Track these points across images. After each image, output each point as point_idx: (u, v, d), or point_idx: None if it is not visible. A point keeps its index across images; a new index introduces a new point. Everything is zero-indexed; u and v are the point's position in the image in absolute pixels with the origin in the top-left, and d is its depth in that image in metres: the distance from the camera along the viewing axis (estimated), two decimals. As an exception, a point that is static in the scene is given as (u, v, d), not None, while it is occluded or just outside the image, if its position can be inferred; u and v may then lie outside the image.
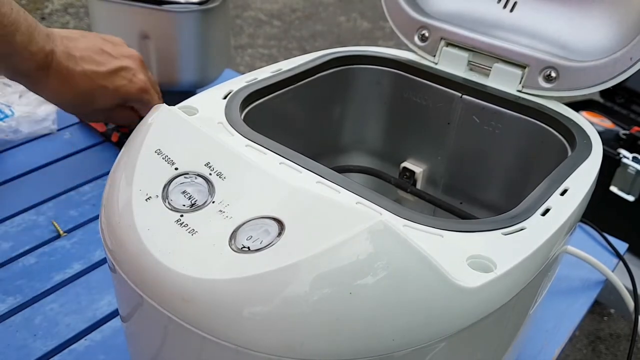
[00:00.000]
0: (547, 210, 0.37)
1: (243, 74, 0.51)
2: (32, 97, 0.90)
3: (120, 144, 0.82)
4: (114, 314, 0.58)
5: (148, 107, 0.55)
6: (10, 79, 0.56)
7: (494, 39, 0.52)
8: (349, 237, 0.28)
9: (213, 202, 0.31)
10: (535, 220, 0.36)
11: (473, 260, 0.32)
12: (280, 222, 0.30)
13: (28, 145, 0.84)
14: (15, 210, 0.71)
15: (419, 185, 0.59)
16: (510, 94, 0.51)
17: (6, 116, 0.85)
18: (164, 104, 0.37)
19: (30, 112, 0.86)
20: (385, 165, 0.61)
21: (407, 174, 0.59)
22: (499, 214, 0.36)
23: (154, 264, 0.30)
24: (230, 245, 0.29)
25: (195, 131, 0.35)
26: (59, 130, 0.87)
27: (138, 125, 0.37)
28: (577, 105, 1.59)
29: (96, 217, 0.71)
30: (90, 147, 0.84)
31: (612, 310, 1.55)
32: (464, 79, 0.53)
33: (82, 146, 0.84)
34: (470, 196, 0.57)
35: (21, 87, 0.91)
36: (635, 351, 1.36)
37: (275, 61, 0.62)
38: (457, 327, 0.30)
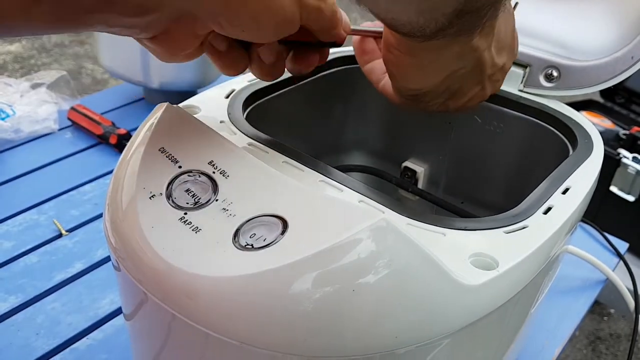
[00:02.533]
0: (548, 209, 0.37)
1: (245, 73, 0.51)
2: (34, 97, 0.90)
3: (118, 146, 0.82)
4: (116, 312, 0.58)
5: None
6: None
7: (495, 38, 0.52)
8: (352, 235, 0.28)
9: (216, 200, 0.32)
10: (537, 218, 0.36)
11: (475, 258, 0.32)
12: (283, 220, 0.30)
13: (29, 144, 0.84)
14: (17, 209, 0.71)
15: (420, 185, 0.59)
16: (511, 93, 0.51)
17: (7, 116, 0.85)
18: (167, 102, 0.37)
19: (31, 112, 0.86)
20: (386, 165, 0.61)
21: (409, 173, 0.59)
22: (501, 213, 0.37)
23: (158, 261, 0.30)
24: (233, 243, 0.29)
25: (198, 130, 0.35)
26: (59, 129, 0.87)
27: (141, 124, 0.37)
28: (577, 105, 1.59)
29: (97, 217, 0.71)
30: (91, 146, 0.85)
31: (612, 310, 1.55)
32: (466, 78, 0.53)
33: (84, 146, 0.85)
34: (471, 196, 0.57)
35: (22, 87, 0.92)
36: (635, 351, 1.36)
37: (277, 61, 0.61)
38: (460, 324, 0.30)
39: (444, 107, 0.43)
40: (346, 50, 0.55)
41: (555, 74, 0.49)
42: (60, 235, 0.67)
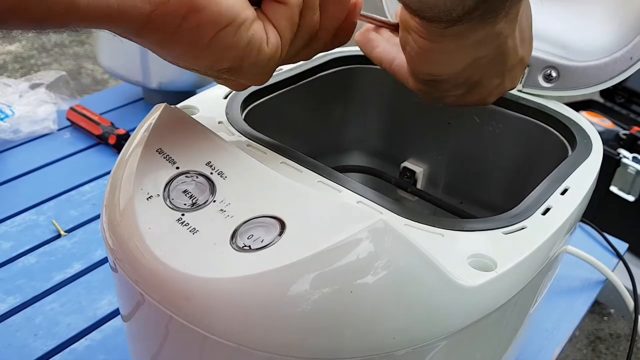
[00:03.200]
0: (547, 210, 0.37)
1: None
2: (33, 97, 0.90)
3: (117, 146, 0.82)
4: (115, 313, 0.58)
5: None
6: None
7: (494, 38, 0.52)
8: (350, 236, 0.28)
9: (214, 201, 0.31)
10: (535, 219, 0.36)
11: (474, 259, 0.32)
12: (281, 221, 0.30)
13: (28, 145, 0.84)
14: (16, 210, 0.71)
15: (419, 185, 0.59)
16: (510, 93, 0.51)
17: (6, 116, 0.85)
18: (165, 103, 0.37)
19: (30, 112, 0.86)
20: (385, 165, 0.61)
21: (408, 173, 0.59)
22: (500, 214, 0.37)
23: (155, 263, 0.30)
24: (231, 244, 0.29)
25: (196, 130, 0.35)
26: (59, 130, 0.87)
27: (139, 125, 0.37)
28: (577, 105, 1.59)
29: (96, 217, 0.71)
30: (90, 147, 0.84)
31: (612, 310, 1.55)
32: (465, 78, 0.53)
33: (83, 146, 0.84)
34: (470, 196, 0.57)
35: (21, 87, 0.92)
36: (635, 351, 1.36)
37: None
38: (458, 326, 0.30)
39: (461, 101, 0.42)
40: (345, 50, 0.55)
41: (554, 74, 0.49)
42: (59, 236, 0.67)
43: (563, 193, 0.39)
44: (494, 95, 0.43)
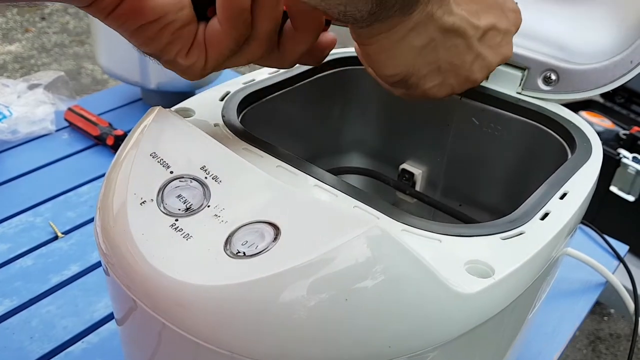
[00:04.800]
0: (546, 215, 0.36)
1: (243, 74, 0.51)
2: (31, 97, 0.89)
3: (115, 147, 0.81)
4: (111, 316, 0.58)
5: None
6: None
7: (493, 40, 0.52)
8: (345, 242, 0.27)
9: (208, 206, 0.31)
10: (534, 224, 0.35)
11: (471, 265, 0.31)
12: (275, 227, 0.29)
13: (26, 146, 0.84)
14: (13, 211, 0.71)
15: (418, 187, 0.58)
16: (510, 95, 0.50)
17: (4, 117, 0.85)
18: (160, 106, 0.36)
19: (28, 113, 0.86)
20: (384, 167, 0.61)
21: (406, 175, 0.59)
22: (499, 216, 0.36)
23: (148, 268, 0.29)
24: (225, 250, 0.29)
25: (190, 134, 0.35)
26: (56, 131, 0.87)
27: (133, 128, 0.36)
28: (577, 105, 1.58)
29: (94, 219, 0.70)
30: (88, 147, 0.84)
31: (612, 310, 1.55)
32: (463, 80, 0.53)
33: (80, 147, 0.84)
34: (469, 198, 0.57)
35: (19, 88, 0.91)
36: (636, 351, 1.36)
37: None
38: (455, 333, 0.30)
39: (447, 88, 0.40)
40: (343, 51, 0.55)
41: (553, 77, 0.49)
42: (56, 238, 0.67)
43: (562, 197, 0.38)
44: (477, 72, 0.40)
